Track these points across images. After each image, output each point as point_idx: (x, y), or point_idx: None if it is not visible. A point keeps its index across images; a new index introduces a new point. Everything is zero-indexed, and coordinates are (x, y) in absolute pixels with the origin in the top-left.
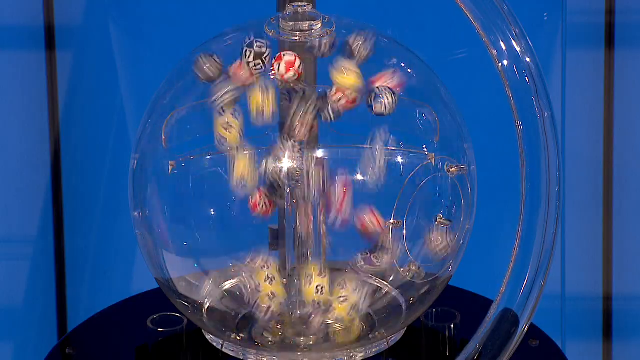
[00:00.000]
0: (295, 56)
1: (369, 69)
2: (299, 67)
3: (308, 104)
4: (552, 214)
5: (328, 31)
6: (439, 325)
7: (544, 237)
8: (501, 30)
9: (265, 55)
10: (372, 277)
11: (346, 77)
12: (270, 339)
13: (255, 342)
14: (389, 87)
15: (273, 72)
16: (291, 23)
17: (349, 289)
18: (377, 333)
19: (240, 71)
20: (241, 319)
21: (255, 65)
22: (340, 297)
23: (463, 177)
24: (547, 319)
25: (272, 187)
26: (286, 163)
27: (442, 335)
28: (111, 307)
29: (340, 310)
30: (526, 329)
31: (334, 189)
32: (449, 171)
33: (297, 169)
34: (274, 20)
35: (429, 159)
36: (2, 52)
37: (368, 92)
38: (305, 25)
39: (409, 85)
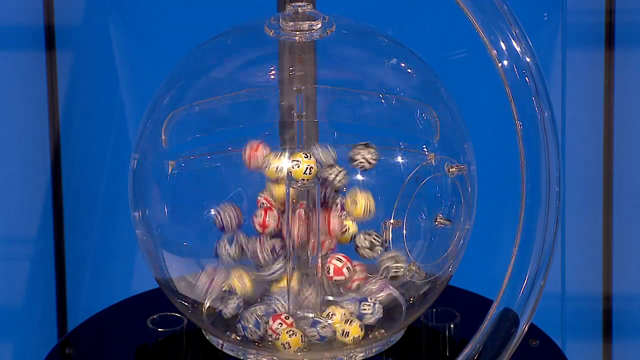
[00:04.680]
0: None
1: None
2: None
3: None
4: (552, 214)
5: (328, 31)
6: (439, 325)
7: (544, 237)
8: (501, 30)
9: None
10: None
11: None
12: (270, 340)
13: (255, 342)
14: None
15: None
16: (291, 23)
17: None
18: (377, 333)
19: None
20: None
21: None
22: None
23: (463, 177)
24: (547, 319)
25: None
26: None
27: (442, 335)
28: (111, 307)
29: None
30: (526, 329)
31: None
32: (449, 171)
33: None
34: (274, 20)
35: (429, 159)
36: (2, 52)
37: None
38: (305, 25)
39: (409, 85)
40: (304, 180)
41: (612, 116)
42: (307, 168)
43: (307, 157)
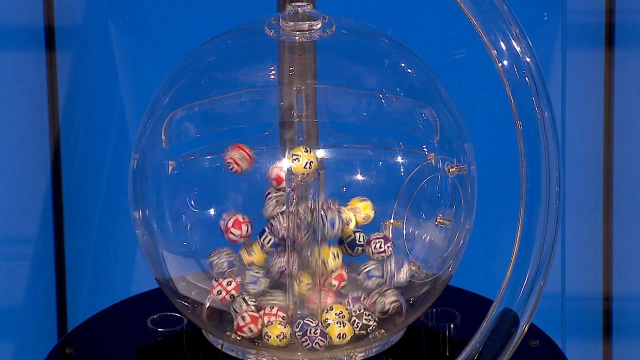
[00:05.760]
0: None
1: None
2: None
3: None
4: (552, 214)
5: (329, 31)
6: (439, 325)
7: (544, 237)
8: (501, 30)
9: None
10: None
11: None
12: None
13: (255, 342)
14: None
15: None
16: (291, 23)
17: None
18: (377, 333)
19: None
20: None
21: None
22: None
23: (463, 177)
24: (547, 319)
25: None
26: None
27: (442, 335)
28: (111, 307)
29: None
30: (526, 329)
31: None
32: (449, 171)
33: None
34: (274, 20)
35: (429, 159)
36: (2, 52)
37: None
38: (305, 25)
39: (409, 85)
40: (304, 174)
41: (612, 116)
42: (307, 163)
43: (307, 151)
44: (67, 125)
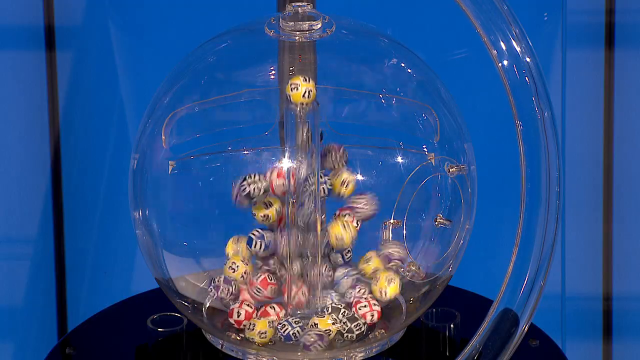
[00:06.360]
0: None
1: None
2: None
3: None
4: (552, 214)
5: (329, 31)
6: (439, 325)
7: (544, 237)
8: (501, 30)
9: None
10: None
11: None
12: (270, 339)
13: (255, 342)
14: None
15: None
16: (291, 23)
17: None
18: (377, 333)
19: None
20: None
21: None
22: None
23: (463, 177)
24: (547, 319)
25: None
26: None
27: (442, 335)
28: (111, 307)
29: None
30: (526, 329)
31: None
32: (449, 171)
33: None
34: (274, 20)
35: (429, 159)
36: (2, 52)
37: None
38: (305, 25)
39: (409, 85)
40: (302, 104)
41: (612, 116)
42: (306, 91)
43: (306, 80)
44: (67, 125)
